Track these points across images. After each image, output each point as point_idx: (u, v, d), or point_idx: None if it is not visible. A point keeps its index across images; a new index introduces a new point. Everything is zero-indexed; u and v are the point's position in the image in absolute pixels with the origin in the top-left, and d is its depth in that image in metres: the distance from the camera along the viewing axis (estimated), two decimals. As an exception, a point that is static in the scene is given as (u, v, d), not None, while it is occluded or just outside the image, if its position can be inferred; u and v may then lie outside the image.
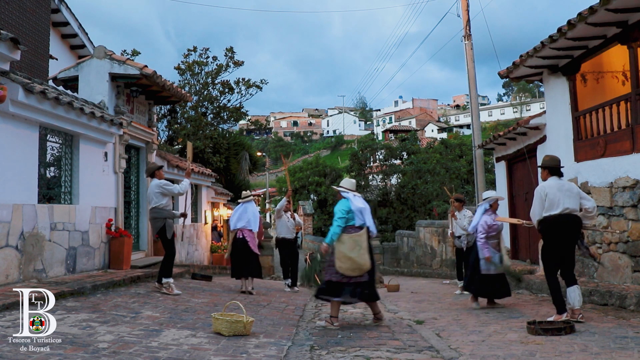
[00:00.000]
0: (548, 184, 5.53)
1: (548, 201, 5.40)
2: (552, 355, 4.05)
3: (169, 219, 7.30)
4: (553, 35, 7.15)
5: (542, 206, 5.44)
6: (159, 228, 7.24)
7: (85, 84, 9.15)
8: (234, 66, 20.53)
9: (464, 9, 12.74)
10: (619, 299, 6.05)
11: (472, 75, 12.71)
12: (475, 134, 12.78)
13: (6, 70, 6.27)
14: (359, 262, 5.52)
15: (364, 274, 5.57)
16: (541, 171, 5.78)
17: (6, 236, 6.22)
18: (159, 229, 7.25)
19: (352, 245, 5.56)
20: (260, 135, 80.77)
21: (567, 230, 5.38)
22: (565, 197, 5.36)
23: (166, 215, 7.27)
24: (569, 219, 5.36)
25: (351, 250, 5.54)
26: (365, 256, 5.55)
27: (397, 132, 55.86)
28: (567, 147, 8.23)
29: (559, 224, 5.36)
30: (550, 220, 5.38)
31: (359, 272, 5.53)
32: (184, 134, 18.50)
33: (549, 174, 5.62)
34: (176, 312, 5.75)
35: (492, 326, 5.46)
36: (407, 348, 4.50)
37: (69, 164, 8.05)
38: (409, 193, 24.44)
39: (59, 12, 11.20)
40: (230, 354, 4.01)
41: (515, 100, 75.13)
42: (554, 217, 5.35)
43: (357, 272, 5.53)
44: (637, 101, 6.59)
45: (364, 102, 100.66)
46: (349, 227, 5.68)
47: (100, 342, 4.02)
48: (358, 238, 5.61)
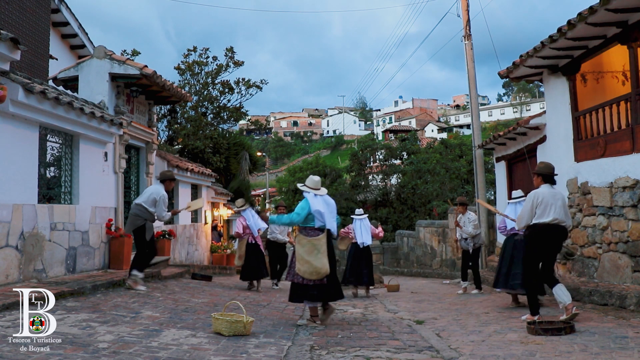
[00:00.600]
0: (542, 191, 5.55)
1: (540, 208, 5.45)
2: (552, 355, 4.05)
3: (150, 221, 7.31)
4: (553, 35, 7.15)
5: (533, 212, 5.50)
6: (137, 226, 7.21)
7: (85, 84, 9.15)
8: (234, 66, 20.51)
9: (464, 9, 12.73)
10: (619, 299, 6.05)
11: (472, 75, 12.70)
12: (475, 134, 12.78)
13: (6, 70, 6.27)
14: (317, 266, 5.42)
15: (324, 278, 5.47)
16: (534, 177, 5.79)
17: (6, 236, 6.22)
18: (137, 227, 7.21)
19: (311, 248, 5.48)
20: (260, 135, 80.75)
21: (555, 239, 5.49)
22: (556, 207, 5.43)
23: (148, 217, 7.26)
24: (558, 229, 5.45)
25: (309, 254, 5.46)
26: (322, 260, 5.44)
27: (397, 132, 55.91)
28: (567, 147, 8.23)
29: (548, 232, 5.43)
30: (540, 228, 5.44)
31: (317, 276, 5.42)
32: (184, 134, 18.49)
33: (543, 181, 5.64)
34: (176, 312, 5.75)
35: (492, 326, 5.46)
36: (407, 348, 4.50)
37: (69, 164, 8.05)
38: (409, 193, 24.44)
39: (59, 12, 11.20)
40: (230, 354, 4.01)
41: (515, 100, 75.11)
42: (544, 225, 5.41)
43: (315, 275, 5.42)
44: (637, 101, 6.59)
45: (364, 102, 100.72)
46: (309, 229, 5.60)
47: (100, 342, 4.02)
48: (317, 242, 5.50)
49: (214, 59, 20.30)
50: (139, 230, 7.25)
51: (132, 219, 7.32)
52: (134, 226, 7.25)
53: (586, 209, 7.59)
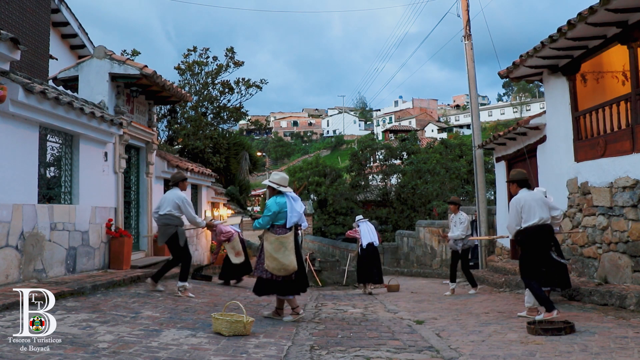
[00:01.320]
0: (522, 196, 5.80)
1: (525, 212, 5.68)
2: (552, 355, 4.05)
3: (180, 226, 7.24)
4: (553, 35, 7.15)
5: (519, 218, 5.72)
6: (170, 235, 7.12)
7: (85, 84, 9.15)
8: (234, 66, 20.49)
9: (464, 9, 12.73)
10: (619, 299, 6.05)
11: (472, 75, 12.70)
12: (475, 134, 12.77)
13: (6, 70, 6.27)
14: (284, 262, 5.58)
15: (292, 273, 5.68)
16: (510, 185, 6.07)
17: (6, 236, 6.22)
18: (171, 236, 7.13)
19: (278, 246, 5.62)
20: (260, 135, 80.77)
21: (544, 238, 5.71)
22: (539, 207, 5.69)
23: (178, 223, 7.20)
24: (545, 228, 5.69)
25: (277, 251, 5.60)
26: (290, 257, 5.60)
27: (397, 132, 55.95)
28: (567, 147, 8.23)
29: (536, 233, 5.65)
30: (530, 231, 5.65)
31: (285, 272, 5.61)
32: (184, 134, 18.49)
33: (519, 186, 5.90)
34: (176, 312, 5.75)
35: (492, 326, 5.46)
36: (407, 348, 4.50)
37: (69, 164, 8.05)
38: (409, 193, 24.44)
39: (59, 12, 11.20)
40: (230, 354, 4.01)
41: (515, 100, 75.12)
42: (532, 227, 5.64)
43: (283, 272, 5.61)
44: (637, 101, 6.59)
45: (364, 102, 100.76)
46: (277, 227, 5.74)
47: (100, 342, 4.02)
48: (284, 240, 5.64)
49: (214, 59, 20.30)
50: (173, 239, 7.15)
51: (162, 229, 7.20)
52: (167, 236, 7.14)
53: (586, 209, 7.59)
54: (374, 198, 27.14)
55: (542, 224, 5.65)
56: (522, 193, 5.81)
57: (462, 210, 9.74)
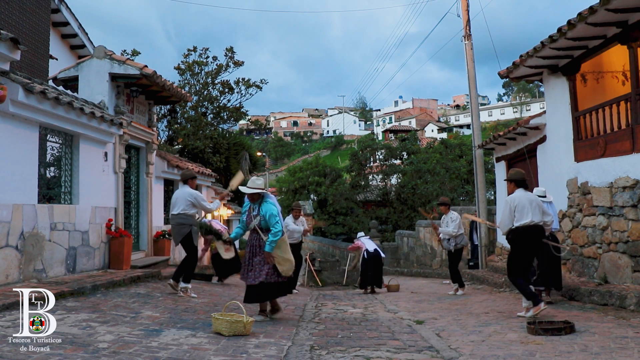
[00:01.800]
0: (517, 195, 5.90)
1: (517, 212, 5.79)
2: (552, 355, 4.05)
3: (194, 226, 7.25)
4: (553, 35, 7.15)
5: (512, 216, 5.82)
6: (185, 234, 7.12)
7: (85, 84, 9.15)
8: (234, 66, 20.49)
9: (464, 9, 12.72)
10: (619, 299, 6.05)
11: (472, 75, 12.69)
12: (475, 134, 12.77)
13: (6, 70, 6.27)
14: (292, 260, 5.78)
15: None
16: (507, 184, 6.19)
17: (6, 236, 6.22)
18: (185, 235, 7.13)
19: (285, 247, 5.74)
20: (260, 135, 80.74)
21: (534, 239, 5.82)
22: (532, 209, 5.79)
23: (192, 222, 7.21)
24: (536, 229, 5.79)
25: (285, 252, 5.72)
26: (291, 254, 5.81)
27: (397, 132, 55.95)
28: (567, 147, 8.23)
29: (527, 233, 5.76)
30: (521, 230, 5.76)
31: (292, 269, 5.82)
32: (184, 134, 18.49)
33: (516, 186, 6.00)
34: (176, 312, 5.75)
35: (492, 326, 5.46)
36: (407, 348, 4.50)
37: (69, 164, 8.05)
38: (409, 193, 24.44)
39: (59, 12, 11.20)
40: (230, 354, 4.01)
41: (515, 100, 75.10)
42: (523, 227, 5.75)
43: (292, 270, 5.81)
44: (637, 101, 6.59)
45: (364, 102, 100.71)
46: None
47: (100, 342, 4.02)
48: (286, 239, 5.81)
49: (214, 59, 20.30)
50: (187, 238, 7.15)
51: (177, 229, 7.18)
52: (182, 235, 7.14)
53: (586, 209, 7.59)
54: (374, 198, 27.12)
55: (533, 225, 5.73)
56: (518, 193, 5.91)
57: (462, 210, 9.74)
